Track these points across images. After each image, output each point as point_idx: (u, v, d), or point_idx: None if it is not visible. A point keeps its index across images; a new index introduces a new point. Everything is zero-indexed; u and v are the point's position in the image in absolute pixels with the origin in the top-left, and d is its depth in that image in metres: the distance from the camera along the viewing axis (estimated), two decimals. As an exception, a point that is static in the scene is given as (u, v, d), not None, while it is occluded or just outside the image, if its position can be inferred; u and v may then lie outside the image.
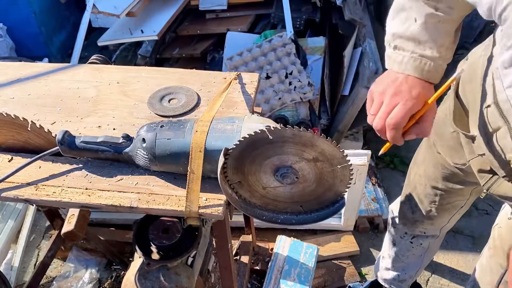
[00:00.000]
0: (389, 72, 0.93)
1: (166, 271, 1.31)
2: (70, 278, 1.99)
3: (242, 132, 0.89)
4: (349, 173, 0.87)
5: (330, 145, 0.81)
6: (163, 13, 2.77)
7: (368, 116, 0.95)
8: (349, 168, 0.86)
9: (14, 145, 1.07)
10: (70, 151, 1.00)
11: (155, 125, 0.96)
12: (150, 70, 1.33)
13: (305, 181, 0.89)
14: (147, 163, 0.96)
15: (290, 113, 2.35)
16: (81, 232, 1.46)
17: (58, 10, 3.33)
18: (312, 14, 2.64)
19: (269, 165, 0.86)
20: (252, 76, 1.27)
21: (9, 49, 2.95)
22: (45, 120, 1.14)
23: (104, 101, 1.21)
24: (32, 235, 2.21)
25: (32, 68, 1.35)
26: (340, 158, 0.84)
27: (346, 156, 0.83)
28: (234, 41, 2.61)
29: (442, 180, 1.23)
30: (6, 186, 0.98)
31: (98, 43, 2.82)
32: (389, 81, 0.90)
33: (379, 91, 0.91)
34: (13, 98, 1.22)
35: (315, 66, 2.49)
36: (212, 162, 0.89)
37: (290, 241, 1.96)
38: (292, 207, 0.95)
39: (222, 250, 1.18)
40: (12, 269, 2.01)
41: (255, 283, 1.94)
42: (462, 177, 1.18)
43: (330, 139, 0.80)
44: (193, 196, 0.91)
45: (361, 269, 2.05)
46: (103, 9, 2.60)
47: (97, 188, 0.98)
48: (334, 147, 0.81)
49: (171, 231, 1.29)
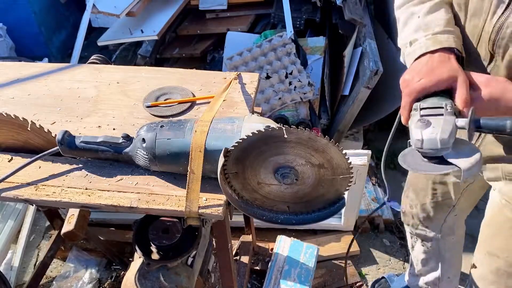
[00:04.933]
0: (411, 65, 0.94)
1: (166, 271, 1.31)
2: (70, 278, 2.00)
3: (242, 132, 0.89)
4: (347, 185, 0.87)
5: (340, 154, 0.81)
6: (163, 13, 2.78)
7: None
8: (349, 180, 0.86)
9: (14, 145, 1.07)
10: (70, 151, 1.00)
11: (155, 125, 0.96)
12: (150, 70, 1.33)
13: (302, 184, 0.88)
14: (147, 163, 0.96)
15: (290, 113, 2.36)
16: (81, 232, 1.46)
17: (58, 10, 3.35)
18: (312, 14, 2.65)
19: (272, 162, 0.85)
20: (252, 76, 1.27)
21: (9, 49, 2.96)
22: (45, 120, 1.15)
23: (104, 101, 1.21)
24: (32, 235, 2.21)
25: (32, 68, 1.35)
26: (345, 169, 0.83)
27: (351, 168, 0.83)
28: (234, 41, 2.61)
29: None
30: (6, 186, 0.98)
31: (98, 43, 2.82)
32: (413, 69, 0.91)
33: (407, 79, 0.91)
34: (13, 98, 1.23)
35: (315, 66, 2.49)
36: (212, 162, 0.89)
37: (290, 241, 1.96)
38: (279, 205, 0.94)
39: (222, 250, 1.18)
40: (12, 269, 2.01)
41: (255, 283, 1.95)
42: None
43: (342, 148, 0.79)
44: (193, 196, 0.91)
45: (361, 269, 2.05)
46: (103, 9, 2.61)
47: (97, 188, 0.98)
48: (343, 157, 0.81)
49: (171, 231, 1.29)
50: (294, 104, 2.35)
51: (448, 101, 0.82)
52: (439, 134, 0.78)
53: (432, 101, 0.84)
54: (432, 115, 0.81)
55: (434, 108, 0.82)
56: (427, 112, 0.82)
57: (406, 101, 0.88)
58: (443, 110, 0.81)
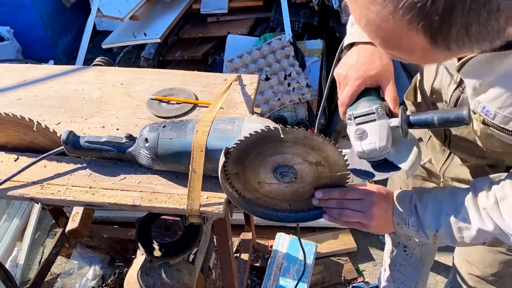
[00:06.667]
0: (346, 56, 0.97)
1: (168, 268, 1.33)
2: (74, 275, 2.02)
3: (242, 132, 0.90)
4: (345, 182, 0.90)
5: (336, 152, 0.82)
6: (166, 16, 2.80)
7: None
8: (346, 177, 0.88)
9: (20, 145, 1.08)
10: (75, 151, 1.01)
11: (158, 125, 0.97)
12: (153, 72, 1.34)
13: (301, 182, 0.89)
14: (149, 162, 0.97)
15: (289, 113, 2.38)
16: (85, 230, 1.47)
17: (64, 14, 3.37)
18: (310, 18, 2.67)
19: (271, 162, 0.85)
20: (252, 78, 1.28)
21: (16, 52, 2.98)
22: (51, 121, 1.16)
23: (108, 102, 1.23)
24: (37, 233, 2.23)
25: (38, 70, 1.36)
26: (342, 166, 0.85)
27: (348, 165, 0.85)
28: (235, 44, 2.63)
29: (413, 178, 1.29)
30: (12, 185, 1.00)
31: (103, 45, 2.85)
32: (346, 63, 0.93)
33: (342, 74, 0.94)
34: (19, 99, 1.24)
35: (313, 68, 2.51)
36: (213, 161, 0.90)
37: (289, 238, 1.98)
38: (281, 204, 0.95)
39: (222, 248, 1.19)
40: (18, 266, 2.03)
41: (255, 279, 1.97)
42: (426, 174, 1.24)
43: (338, 146, 0.81)
44: (194, 194, 0.92)
45: (359, 266, 2.07)
46: (108, 13, 2.63)
47: (100, 187, 0.99)
48: (339, 155, 0.83)
49: (173, 229, 1.31)
50: (292, 105, 2.37)
51: (377, 104, 0.86)
52: (377, 143, 0.82)
53: (363, 105, 0.87)
54: (366, 122, 0.85)
55: (366, 115, 0.86)
56: (361, 120, 0.86)
57: (342, 112, 0.92)
58: (375, 115, 0.85)
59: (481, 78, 0.73)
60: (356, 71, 0.90)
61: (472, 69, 0.74)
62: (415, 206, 0.87)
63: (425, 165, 1.22)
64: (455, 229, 0.83)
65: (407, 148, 0.87)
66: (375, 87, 0.91)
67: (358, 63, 0.90)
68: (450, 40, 0.51)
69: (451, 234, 0.83)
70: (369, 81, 0.89)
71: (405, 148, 0.87)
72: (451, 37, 0.50)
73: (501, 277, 1.15)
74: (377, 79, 0.89)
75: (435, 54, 0.55)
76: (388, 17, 0.51)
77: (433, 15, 0.48)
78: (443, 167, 1.09)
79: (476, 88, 0.75)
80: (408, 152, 0.87)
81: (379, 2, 0.51)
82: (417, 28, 0.50)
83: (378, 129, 0.84)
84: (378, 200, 0.88)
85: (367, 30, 0.57)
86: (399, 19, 0.50)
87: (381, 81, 0.90)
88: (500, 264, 1.13)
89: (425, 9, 0.48)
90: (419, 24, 0.50)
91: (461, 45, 0.52)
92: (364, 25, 0.56)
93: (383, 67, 0.89)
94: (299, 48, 2.53)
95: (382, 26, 0.53)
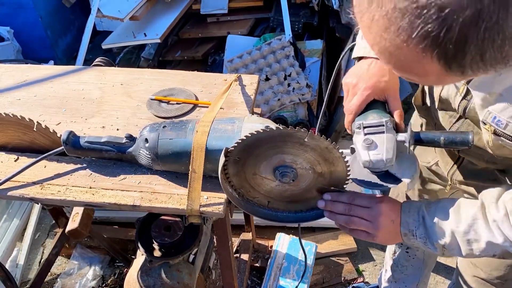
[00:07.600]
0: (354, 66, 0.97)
1: (168, 268, 1.33)
2: (74, 275, 2.02)
3: (242, 132, 0.90)
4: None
5: (345, 171, 0.84)
6: (166, 17, 2.80)
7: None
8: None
9: (20, 145, 1.08)
10: (75, 151, 1.01)
11: (158, 126, 0.97)
12: (153, 72, 1.35)
13: (295, 186, 0.89)
14: (149, 162, 0.97)
15: (289, 113, 2.39)
16: (85, 230, 1.47)
17: (64, 14, 3.37)
18: (310, 18, 2.67)
19: (278, 159, 0.85)
20: (252, 78, 1.28)
21: (16, 52, 2.99)
22: (51, 121, 1.16)
23: (108, 102, 1.23)
24: (37, 233, 2.23)
25: (38, 70, 1.36)
26: (341, 184, 0.88)
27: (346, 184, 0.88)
28: (235, 44, 2.64)
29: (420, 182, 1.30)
30: (12, 185, 1.00)
31: (103, 46, 2.85)
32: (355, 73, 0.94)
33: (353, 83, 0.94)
34: (19, 100, 1.24)
35: (313, 68, 2.52)
36: (213, 161, 0.90)
37: (289, 238, 1.98)
38: (261, 199, 0.95)
39: (222, 248, 1.19)
40: (18, 267, 2.03)
41: (255, 279, 1.97)
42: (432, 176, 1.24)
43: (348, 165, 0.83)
44: (194, 194, 0.92)
45: (359, 266, 2.07)
46: (108, 13, 2.63)
47: (100, 187, 0.99)
48: (345, 174, 0.85)
49: (173, 229, 1.31)
50: (292, 105, 2.38)
51: (386, 117, 0.88)
52: (384, 155, 0.83)
53: (373, 117, 0.89)
54: (374, 133, 0.87)
55: (375, 127, 0.87)
56: (369, 130, 0.87)
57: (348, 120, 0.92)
58: (384, 128, 0.86)
59: (490, 90, 0.74)
60: (366, 81, 0.90)
61: (481, 82, 0.75)
62: (423, 217, 0.86)
63: (431, 168, 1.22)
64: (464, 241, 0.81)
65: (408, 162, 0.90)
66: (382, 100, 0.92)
67: (369, 74, 0.91)
68: (465, 66, 0.51)
69: (460, 247, 0.82)
70: (378, 92, 0.90)
71: (407, 162, 0.90)
72: (465, 64, 0.51)
73: (507, 280, 1.15)
74: (385, 92, 0.91)
75: (449, 78, 0.56)
76: (401, 45, 0.51)
77: (447, 44, 0.48)
78: (451, 171, 1.09)
79: (486, 98, 0.76)
80: (410, 166, 0.89)
81: (393, 30, 0.51)
82: (431, 56, 0.51)
83: (386, 141, 0.85)
84: (385, 210, 0.88)
85: (380, 56, 0.58)
86: (413, 47, 0.51)
87: (387, 94, 0.91)
88: (507, 267, 1.12)
89: (439, 38, 0.48)
90: (434, 52, 0.50)
91: (476, 69, 0.52)
92: (378, 51, 0.57)
93: (391, 81, 0.90)
94: (299, 48, 2.53)
95: (396, 54, 0.53)
